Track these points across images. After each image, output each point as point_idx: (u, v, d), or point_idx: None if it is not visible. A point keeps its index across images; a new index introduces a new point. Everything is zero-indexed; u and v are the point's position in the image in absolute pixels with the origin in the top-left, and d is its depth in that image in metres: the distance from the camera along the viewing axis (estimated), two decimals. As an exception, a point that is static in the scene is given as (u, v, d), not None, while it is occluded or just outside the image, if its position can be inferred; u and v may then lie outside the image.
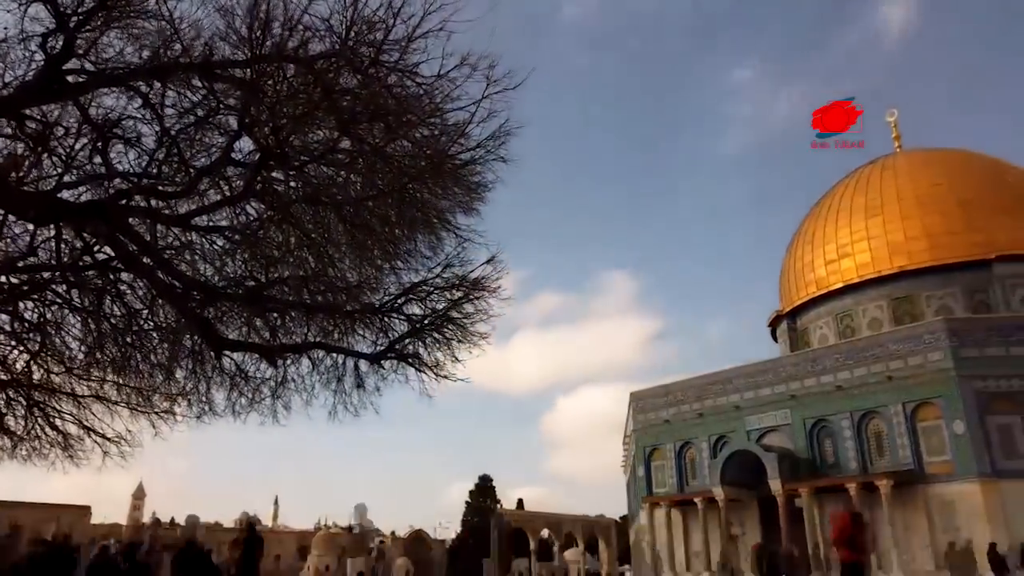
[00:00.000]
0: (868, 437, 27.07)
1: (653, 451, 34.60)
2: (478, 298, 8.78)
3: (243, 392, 9.58)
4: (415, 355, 9.07)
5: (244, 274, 8.66)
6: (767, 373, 30.63)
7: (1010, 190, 33.37)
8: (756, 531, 29.60)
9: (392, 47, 6.66)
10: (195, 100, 7.45)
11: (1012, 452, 23.89)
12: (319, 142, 7.51)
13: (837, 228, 36.08)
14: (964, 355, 24.99)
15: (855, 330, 34.14)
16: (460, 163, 7.71)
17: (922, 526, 24.49)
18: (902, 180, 35.02)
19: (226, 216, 8.38)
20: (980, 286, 31.84)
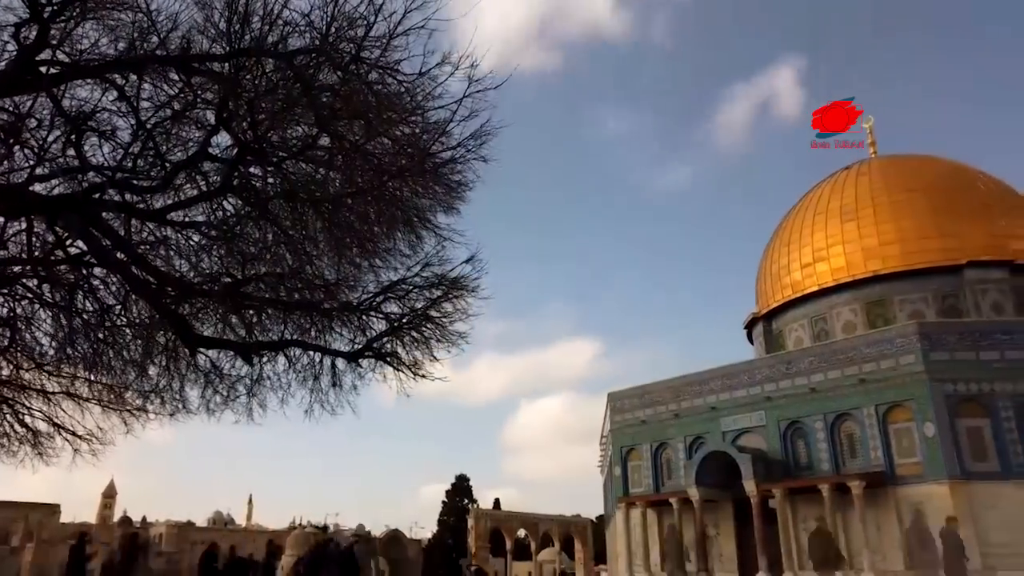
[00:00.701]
0: (840, 439, 27.42)
1: (630, 451, 34.76)
2: (457, 297, 8.77)
3: (218, 390, 9.48)
4: (393, 354, 9.04)
5: (220, 270, 8.57)
6: (743, 375, 30.91)
7: (980, 196, 34.00)
8: (730, 531, 29.87)
9: (373, 44, 6.64)
10: (172, 93, 7.36)
11: (980, 454, 24.33)
12: (298, 138, 7.45)
13: (813, 232, 36.52)
14: (935, 359, 25.40)
15: (829, 333, 34.59)
16: (441, 162, 7.69)
17: (893, 527, 24.86)
18: (877, 186, 35.53)
19: (202, 211, 8.29)
20: (951, 291, 32.40)
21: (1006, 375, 24.77)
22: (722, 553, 29.84)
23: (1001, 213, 33.48)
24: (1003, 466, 23.94)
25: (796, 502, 27.29)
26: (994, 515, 23.42)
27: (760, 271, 41.11)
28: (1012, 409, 24.42)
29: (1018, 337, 25.47)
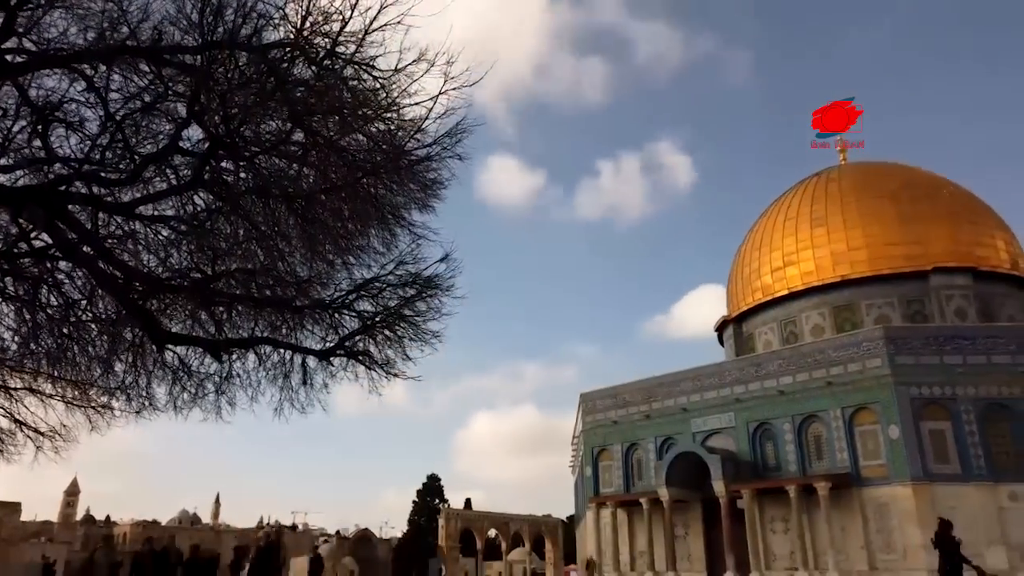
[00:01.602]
0: (808, 440, 27.85)
1: (601, 452, 34.95)
2: (431, 296, 8.72)
3: (186, 387, 9.33)
4: (365, 352, 8.97)
5: (190, 266, 8.43)
6: (713, 377, 31.25)
7: (946, 204, 34.74)
8: (699, 532, 30.16)
9: (348, 39, 6.58)
10: (142, 85, 7.23)
11: (943, 457, 24.86)
12: (271, 133, 7.36)
13: (784, 236, 37.03)
14: (900, 362, 25.91)
15: (798, 336, 35.09)
16: (416, 159, 7.65)
17: (857, 527, 25.30)
18: (846, 192, 36.13)
19: (172, 206, 8.15)
20: (917, 296, 33.06)
21: (968, 379, 25.35)
22: (690, 553, 30.13)
23: (966, 221, 34.27)
24: (964, 468, 24.50)
25: (764, 502, 27.65)
26: (955, 516, 23.81)
27: (731, 275, 41.58)
28: (973, 413, 25.00)
29: (980, 342, 26.08)
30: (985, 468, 24.38)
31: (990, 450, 24.66)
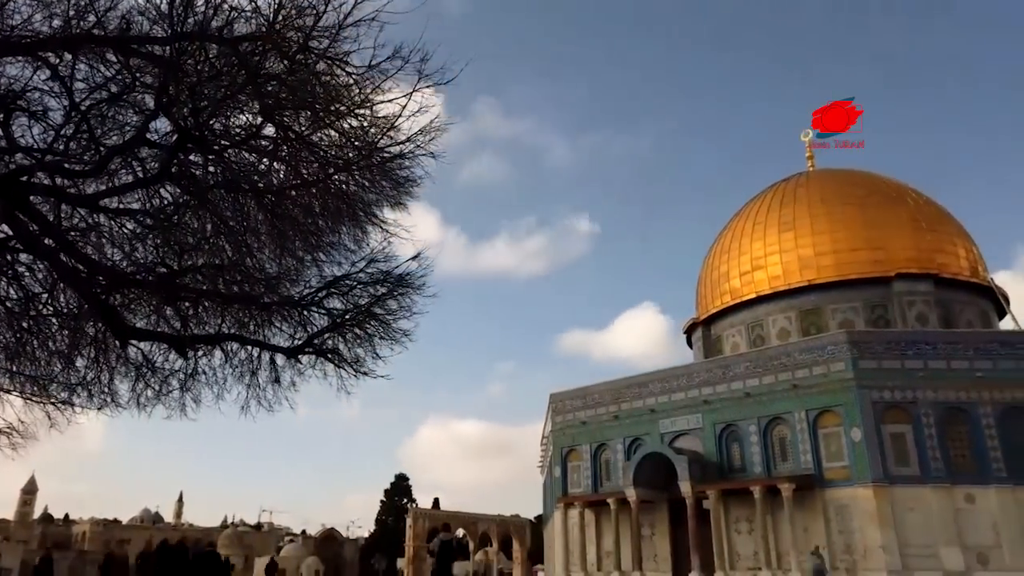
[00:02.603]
0: (773, 442, 28.26)
1: (570, 452, 35.09)
2: (402, 294, 8.68)
3: (149, 383, 9.15)
4: (334, 350, 8.89)
5: (155, 260, 8.27)
6: (681, 378, 31.56)
7: (909, 212, 35.51)
8: (665, 532, 30.44)
9: (322, 34, 6.52)
10: (109, 75, 7.08)
11: (903, 459, 25.40)
12: (241, 127, 7.26)
13: (752, 241, 37.53)
14: (863, 366, 26.41)
15: (765, 339, 35.59)
16: (389, 156, 7.60)
17: (820, 528, 25.75)
18: (813, 198, 36.74)
19: (138, 199, 7.98)
20: (880, 301, 33.74)
21: (928, 383, 25.93)
22: (656, 553, 30.39)
23: (928, 228, 35.05)
24: (923, 470, 25.05)
25: (729, 503, 27.99)
26: (913, 517, 24.50)
27: (700, 278, 42.03)
28: (933, 416, 25.58)
29: (940, 347, 26.69)
30: (943, 470, 24.96)
31: (948, 453, 25.26)
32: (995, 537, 24.00)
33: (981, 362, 26.23)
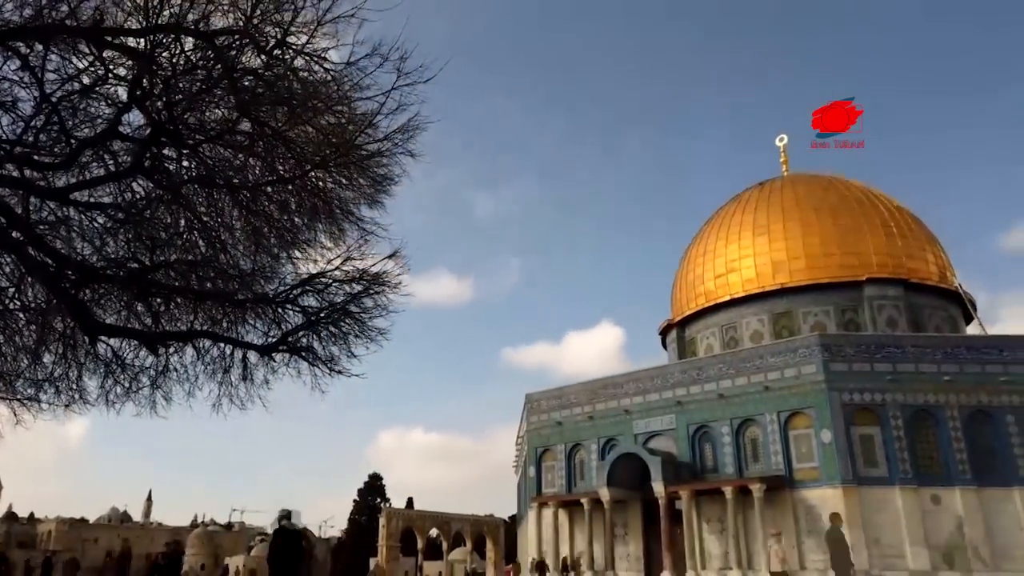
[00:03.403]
0: (745, 443, 28.56)
1: (544, 452, 35.16)
2: (378, 293, 8.64)
3: (119, 380, 9.01)
4: (309, 348, 8.83)
5: (126, 255, 8.15)
6: (656, 379, 31.77)
7: (880, 217, 36.09)
8: (638, 532, 30.63)
9: (300, 29, 6.47)
10: (81, 67, 6.96)
11: (871, 461, 25.82)
12: (216, 122, 7.18)
13: (727, 244, 37.91)
14: (834, 369, 26.80)
15: (738, 341, 35.95)
16: (366, 154, 7.57)
17: (790, 528, 26.05)
18: (787, 202, 37.21)
19: (109, 192, 7.87)
20: (851, 305, 34.25)
21: (897, 386, 26.39)
22: (629, 553, 30.56)
23: (899, 234, 35.65)
24: (891, 472, 25.47)
25: (701, 503, 28.24)
26: (882, 518, 24.91)
27: (675, 280, 42.35)
28: (901, 419, 26.04)
29: (909, 351, 27.18)
30: (911, 472, 25.40)
31: (916, 455, 25.71)
32: (960, 538, 24.49)
33: (948, 366, 26.75)
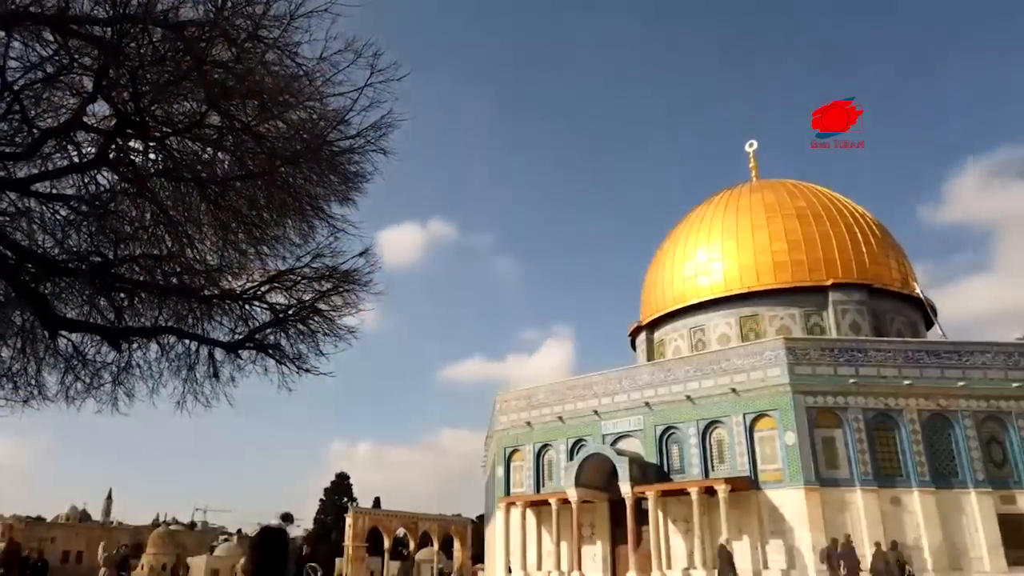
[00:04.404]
0: (711, 445, 28.89)
1: (513, 452, 35.20)
2: (348, 291, 8.59)
3: (80, 376, 8.83)
4: (276, 346, 8.74)
5: (89, 249, 7.98)
6: (624, 380, 31.99)
7: (846, 224, 36.80)
8: (605, 532, 30.80)
9: (272, 23, 6.40)
10: (45, 55, 6.80)
11: (833, 463, 26.29)
12: (185, 114, 7.07)
13: (696, 247, 38.36)
14: (798, 372, 27.24)
15: (706, 344, 36.37)
16: (338, 150, 7.51)
17: (754, 528, 26.44)
18: (755, 208, 37.75)
19: (73, 184, 7.70)
20: (816, 309, 34.87)
21: (859, 390, 26.91)
22: (596, 553, 30.73)
23: (864, 240, 36.37)
24: (852, 474, 25.96)
25: (667, 504, 28.50)
26: (843, 519, 25.38)
27: (645, 282, 42.72)
28: (862, 422, 26.56)
29: (871, 355, 27.73)
30: (871, 474, 25.92)
31: (876, 457, 26.24)
32: (918, 539, 25.06)
33: (909, 370, 27.35)
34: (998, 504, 25.69)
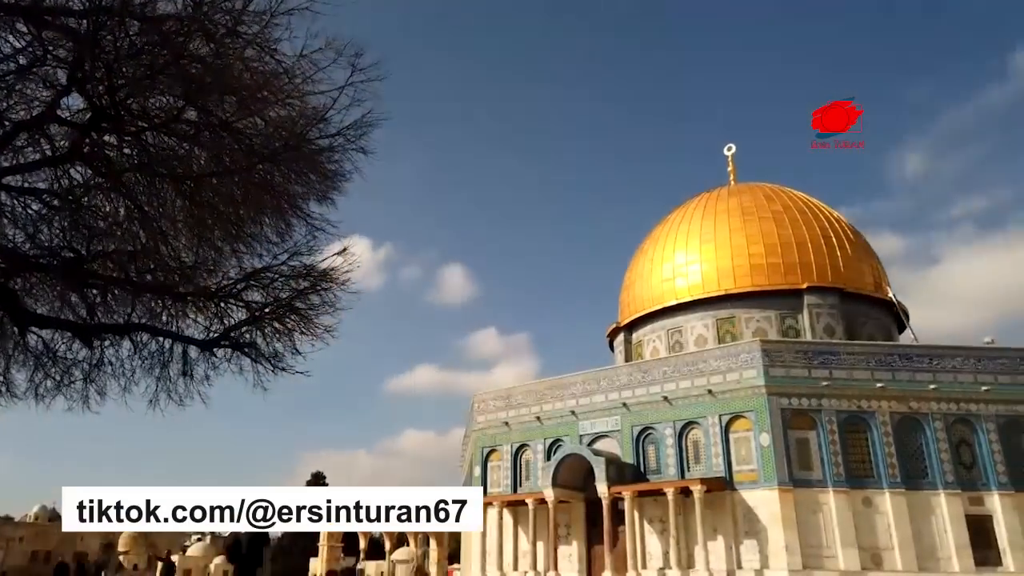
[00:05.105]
0: (687, 445, 29.12)
1: (491, 452, 35.19)
2: (326, 289, 8.54)
3: (50, 373, 8.68)
4: (252, 344, 8.66)
5: (61, 244, 7.86)
6: (602, 381, 32.13)
7: (821, 228, 37.28)
8: (581, 532, 30.91)
9: (252, 19, 6.35)
10: (18, 46, 6.68)
11: (806, 464, 26.62)
12: (161, 109, 6.98)
13: (675, 250, 38.64)
14: (773, 374, 27.55)
15: (683, 345, 36.64)
16: (317, 149, 7.47)
17: (728, 528, 26.69)
18: (733, 211, 38.12)
19: (45, 178, 7.58)
20: (792, 312, 35.29)
21: (832, 392, 27.28)
22: (572, 553, 30.82)
23: (838, 245, 36.86)
24: (825, 475, 26.31)
25: (644, 504, 28.67)
26: (815, 519, 25.73)
27: (624, 283, 42.94)
28: (835, 423, 26.93)
29: (844, 358, 28.11)
30: (843, 475, 26.28)
31: (848, 458, 26.62)
32: (888, 539, 25.46)
33: (881, 373, 27.77)
34: (966, 505, 26.19)
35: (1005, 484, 26.56)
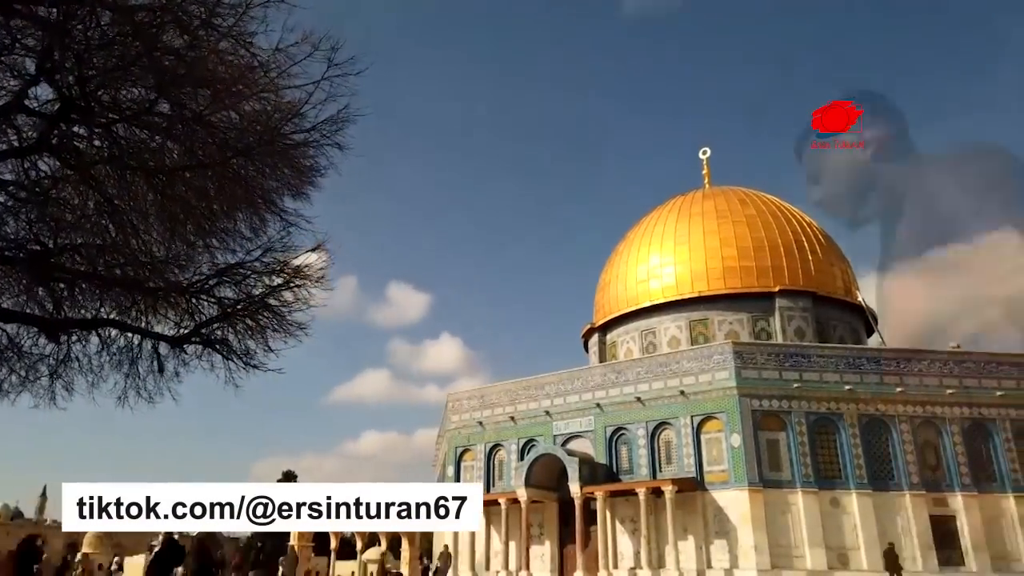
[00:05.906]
0: (659, 446, 29.33)
1: (464, 452, 35.14)
2: (299, 286, 8.46)
3: (15, 369, 8.50)
4: (223, 341, 8.56)
5: (28, 236, 7.70)
6: (576, 381, 32.24)
7: (793, 233, 37.80)
8: (554, 531, 30.99)
9: (227, 11, 6.27)
10: (-16, 33, 6.52)
11: (776, 465, 26.96)
12: (133, 101, 6.87)
13: (649, 252, 38.92)
14: (745, 376, 27.86)
15: (657, 346, 36.91)
16: (292, 143, 7.40)
17: (699, 528, 26.93)
18: (707, 214, 38.49)
19: (12, 169, 7.41)
20: (763, 314, 35.73)
21: (802, 394, 27.66)
22: (544, 552, 30.88)
23: (810, 249, 37.39)
24: (794, 475, 26.66)
25: (616, 504, 28.82)
26: (784, 519, 26.06)
27: (599, 284, 43.14)
28: (805, 425, 27.30)
29: (814, 360, 28.51)
30: (812, 476, 26.66)
31: (817, 459, 27.01)
32: (855, 539, 25.87)
33: (850, 375, 28.21)
34: (931, 506, 26.71)
35: (968, 485, 27.14)
